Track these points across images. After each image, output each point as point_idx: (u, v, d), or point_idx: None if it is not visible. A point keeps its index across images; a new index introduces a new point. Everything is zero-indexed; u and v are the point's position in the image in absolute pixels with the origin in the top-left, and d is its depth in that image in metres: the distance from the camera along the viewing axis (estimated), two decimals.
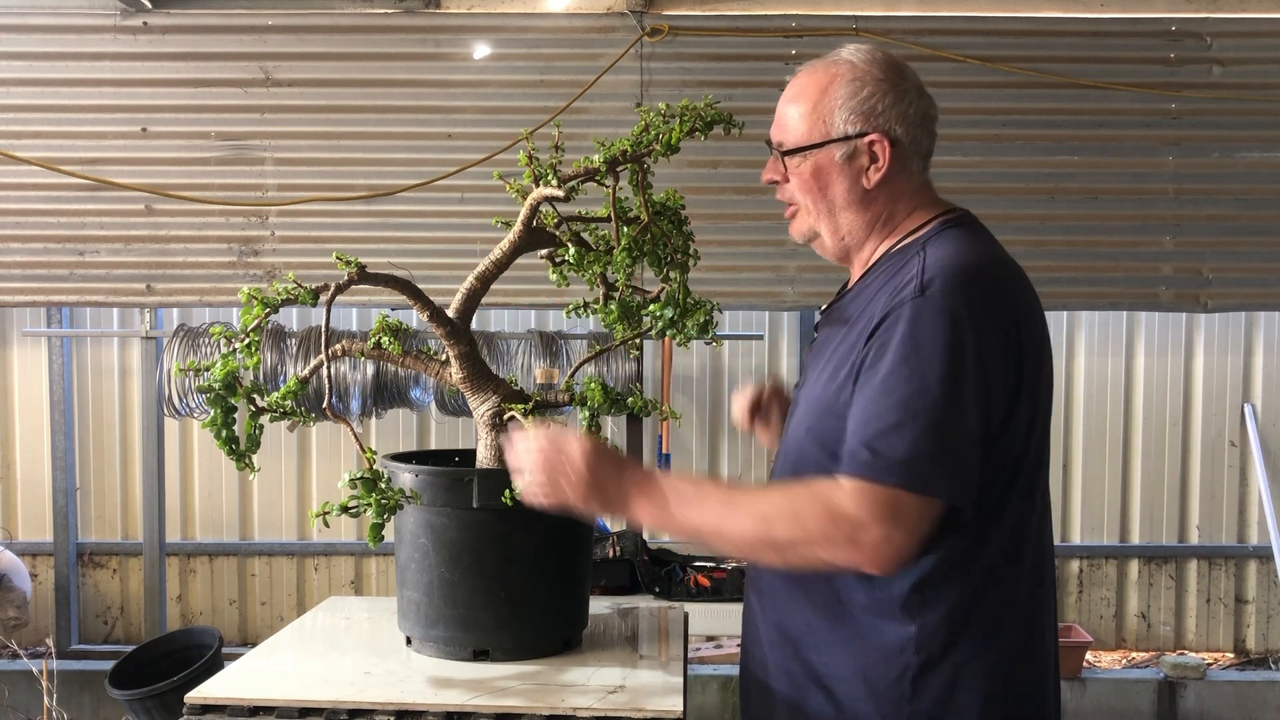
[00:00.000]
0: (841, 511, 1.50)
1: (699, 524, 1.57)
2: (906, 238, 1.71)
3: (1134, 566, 4.93)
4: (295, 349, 4.29)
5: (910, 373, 1.52)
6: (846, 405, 1.59)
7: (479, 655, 1.84)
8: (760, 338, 4.87)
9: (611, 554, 3.57)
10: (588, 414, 1.83)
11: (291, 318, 4.68)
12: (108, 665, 4.13)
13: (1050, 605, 1.73)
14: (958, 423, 1.53)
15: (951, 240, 1.66)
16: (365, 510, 1.66)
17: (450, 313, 1.83)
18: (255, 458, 1.79)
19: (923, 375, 1.51)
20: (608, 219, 1.79)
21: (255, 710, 1.66)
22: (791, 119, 1.72)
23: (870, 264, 1.73)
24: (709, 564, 3.75)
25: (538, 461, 1.62)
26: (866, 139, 1.68)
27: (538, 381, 4.17)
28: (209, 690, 1.70)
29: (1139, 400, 4.90)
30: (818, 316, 1.89)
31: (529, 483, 1.62)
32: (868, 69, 1.69)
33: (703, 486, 1.61)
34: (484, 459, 1.89)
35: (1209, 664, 4.74)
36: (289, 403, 1.77)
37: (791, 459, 1.71)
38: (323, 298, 1.73)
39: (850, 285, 1.77)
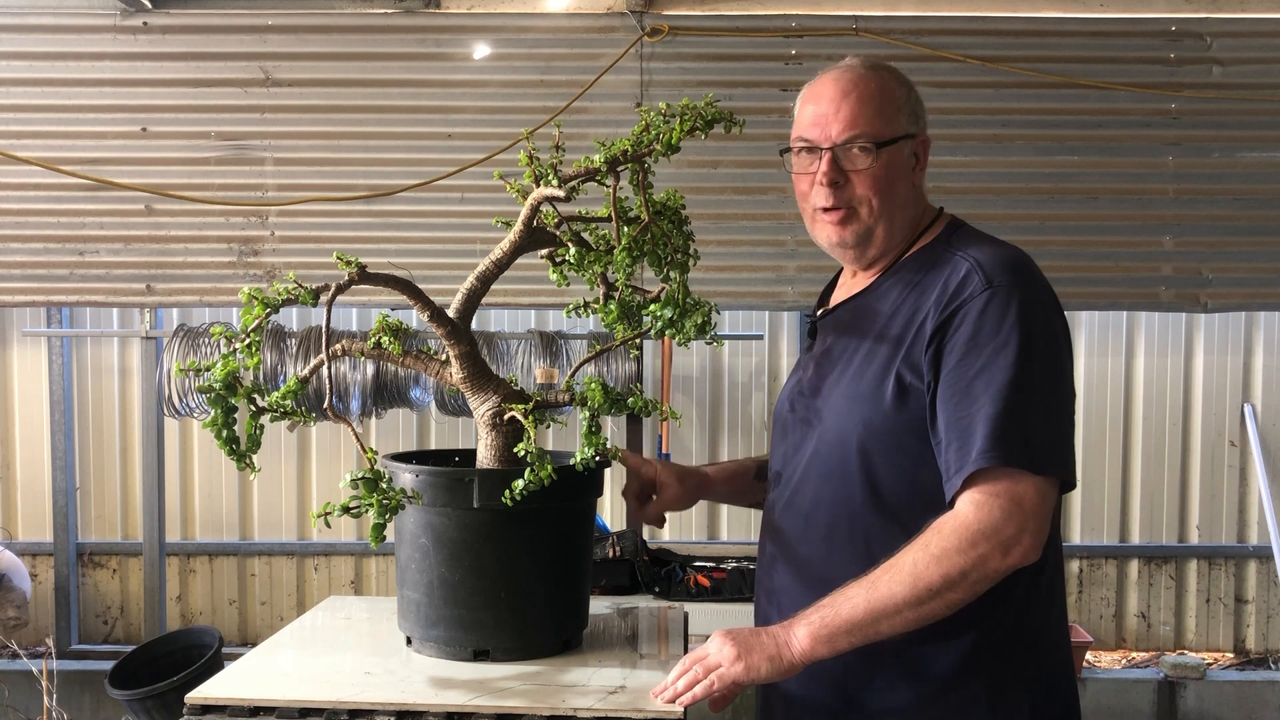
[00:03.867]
0: (976, 530, 1.51)
1: (861, 616, 1.54)
2: (920, 237, 1.75)
3: (1134, 566, 4.93)
4: (295, 349, 4.29)
5: (1007, 361, 1.55)
6: (894, 399, 1.61)
7: (479, 655, 1.83)
8: (760, 338, 4.87)
9: (611, 554, 3.56)
10: (588, 414, 1.82)
11: (291, 318, 4.68)
12: (108, 665, 4.13)
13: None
14: (1058, 402, 1.59)
15: (976, 237, 1.73)
16: (366, 511, 1.65)
17: (450, 313, 1.83)
18: (255, 458, 1.78)
19: (1020, 361, 1.55)
20: (608, 219, 1.78)
21: (255, 710, 1.66)
22: (865, 115, 1.70)
23: (886, 266, 1.75)
24: (709, 564, 3.75)
25: (683, 672, 1.61)
26: (917, 139, 1.75)
27: (538, 381, 4.17)
28: (209, 690, 1.69)
29: (1139, 400, 4.90)
30: (808, 320, 1.90)
31: (698, 689, 1.59)
32: (900, 74, 1.77)
33: (841, 589, 1.58)
34: (484, 459, 1.89)
35: (1209, 664, 4.75)
36: (289, 402, 1.77)
37: (823, 455, 1.71)
38: (323, 298, 1.73)
39: (860, 288, 1.78)
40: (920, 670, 1.63)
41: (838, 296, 1.84)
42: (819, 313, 1.87)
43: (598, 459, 1.80)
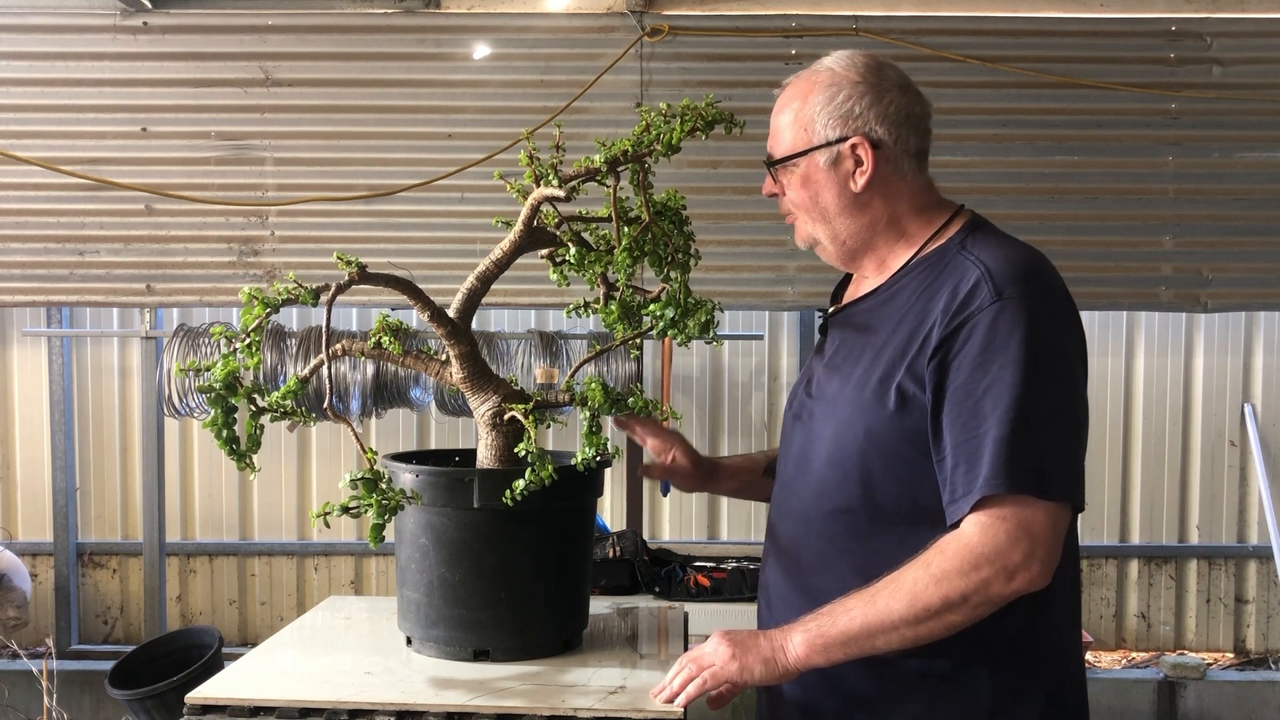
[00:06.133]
0: (980, 554, 1.49)
1: (857, 629, 1.54)
2: (930, 241, 1.70)
3: (1134, 566, 4.93)
4: (295, 349, 4.29)
5: (1014, 379, 1.51)
6: (896, 409, 1.59)
7: (479, 655, 1.83)
8: (760, 338, 4.87)
9: (611, 554, 3.56)
10: (588, 414, 1.83)
11: (291, 318, 4.68)
12: (108, 665, 4.13)
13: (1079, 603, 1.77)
14: (1068, 421, 1.55)
15: (992, 239, 1.67)
16: (366, 511, 1.66)
17: (451, 313, 1.83)
18: (255, 458, 1.78)
19: (1027, 380, 1.51)
20: (609, 219, 1.79)
21: (255, 710, 1.66)
22: (778, 130, 1.75)
23: (898, 268, 1.71)
24: (709, 564, 3.75)
25: (680, 671, 1.63)
26: (848, 143, 1.68)
27: (538, 381, 4.17)
28: (209, 690, 1.69)
29: (1139, 400, 4.90)
30: (819, 319, 1.88)
31: (687, 688, 1.61)
32: (845, 74, 1.69)
33: (841, 599, 1.58)
34: (484, 459, 1.89)
35: (1209, 664, 4.74)
36: (289, 402, 1.77)
37: (820, 461, 1.69)
38: (323, 298, 1.73)
39: (869, 289, 1.75)
40: (926, 678, 1.62)
41: (850, 294, 1.82)
42: (830, 310, 1.86)
43: (598, 459, 1.80)
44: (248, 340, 1.75)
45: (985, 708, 1.61)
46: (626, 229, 1.76)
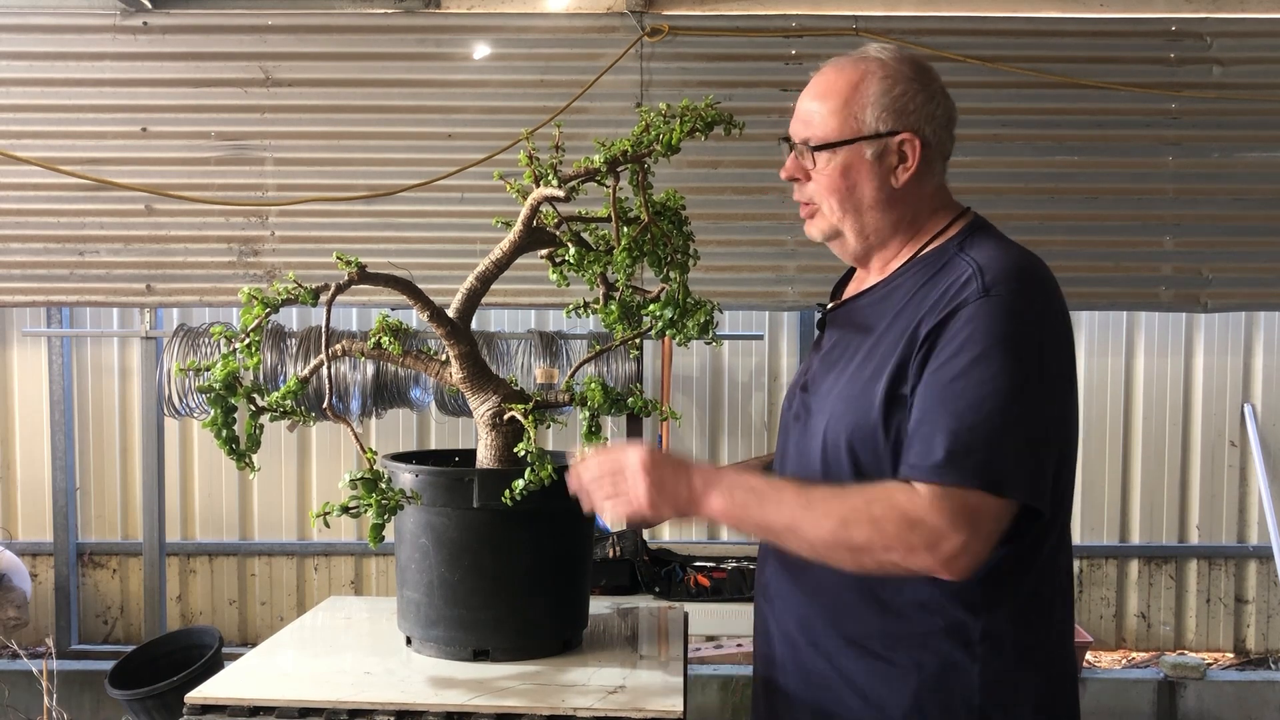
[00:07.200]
0: (920, 519, 1.48)
1: (774, 522, 1.55)
2: (933, 240, 1.70)
3: (1134, 566, 4.93)
4: (295, 349, 4.29)
5: (986, 373, 1.50)
6: (883, 406, 1.58)
7: (479, 655, 1.84)
8: (760, 338, 4.87)
9: (611, 554, 3.57)
10: (588, 414, 1.83)
11: (291, 318, 4.68)
12: (108, 665, 4.13)
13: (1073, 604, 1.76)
14: (1036, 422, 1.53)
15: (990, 241, 1.67)
16: (366, 511, 1.66)
17: (450, 313, 1.84)
18: (255, 457, 1.79)
19: (999, 375, 1.50)
20: (608, 219, 1.79)
21: (255, 710, 1.66)
22: (819, 114, 1.68)
23: (897, 267, 1.71)
24: (709, 564, 3.75)
25: (598, 479, 1.63)
26: (898, 138, 1.66)
27: (538, 381, 4.17)
28: (209, 690, 1.70)
29: (1139, 400, 4.90)
30: (818, 314, 1.88)
31: (596, 501, 1.63)
32: (899, 67, 1.68)
33: (777, 486, 1.59)
34: (484, 459, 1.89)
35: (1209, 664, 4.74)
36: (289, 402, 1.77)
37: (815, 457, 1.69)
38: (323, 298, 1.73)
39: (868, 285, 1.75)
40: (919, 673, 1.62)
41: (850, 291, 1.82)
42: (829, 306, 1.86)
43: None
44: (248, 340, 1.75)
45: (977, 703, 1.61)
46: (626, 229, 1.76)
